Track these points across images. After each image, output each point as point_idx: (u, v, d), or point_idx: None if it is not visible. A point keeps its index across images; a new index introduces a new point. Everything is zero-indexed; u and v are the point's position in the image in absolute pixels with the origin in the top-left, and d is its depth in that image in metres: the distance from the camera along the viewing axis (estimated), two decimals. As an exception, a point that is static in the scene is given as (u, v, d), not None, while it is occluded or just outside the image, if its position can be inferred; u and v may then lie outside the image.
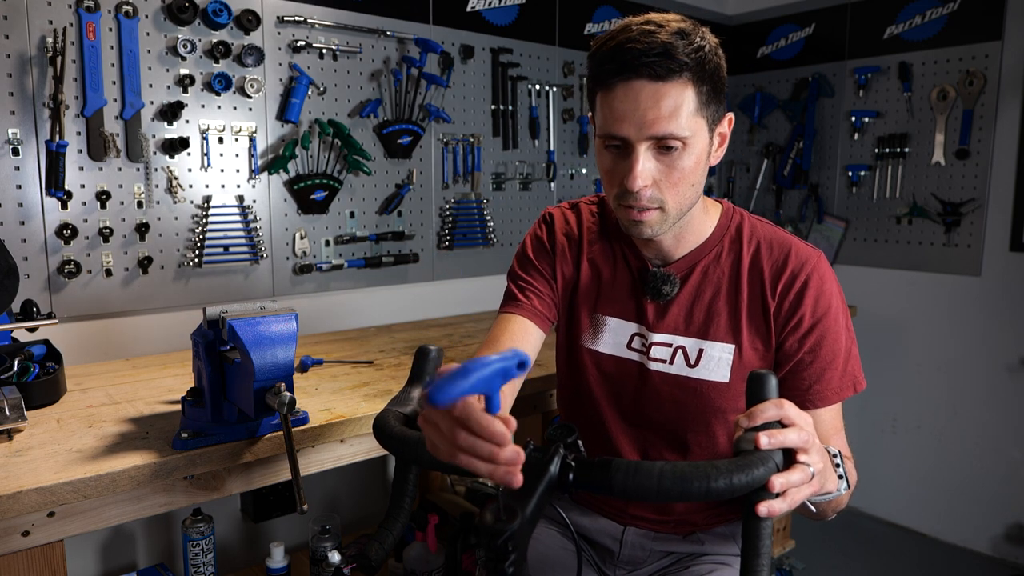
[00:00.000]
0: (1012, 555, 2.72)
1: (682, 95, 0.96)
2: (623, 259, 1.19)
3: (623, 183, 1.00)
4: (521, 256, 1.26)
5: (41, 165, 1.69)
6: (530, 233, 1.27)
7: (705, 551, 1.22)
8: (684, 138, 0.98)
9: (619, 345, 1.18)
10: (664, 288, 1.13)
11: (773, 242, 1.12)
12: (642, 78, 0.95)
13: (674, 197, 1.02)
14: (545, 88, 2.64)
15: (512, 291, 1.22)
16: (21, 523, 1.02)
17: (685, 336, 1.14)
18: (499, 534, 0.61)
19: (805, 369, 1.08)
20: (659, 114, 0.96)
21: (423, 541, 1.97)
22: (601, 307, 1.20)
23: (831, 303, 1.08)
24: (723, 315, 1.11)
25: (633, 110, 0.96)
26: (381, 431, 0.87)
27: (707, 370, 1.12)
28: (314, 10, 2.08)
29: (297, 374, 1.54)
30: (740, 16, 3.32)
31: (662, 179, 1.01)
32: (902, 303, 2.91)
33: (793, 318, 1.08)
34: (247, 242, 2.02)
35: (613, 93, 0.98)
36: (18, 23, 1.63)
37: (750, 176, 3.34)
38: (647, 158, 0.99)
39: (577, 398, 1.26)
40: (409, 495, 0.91)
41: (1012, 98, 2.56)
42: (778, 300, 1.09)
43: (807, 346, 1.08)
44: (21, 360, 1.40)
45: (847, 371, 1.09)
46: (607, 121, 1.00)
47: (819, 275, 1.08)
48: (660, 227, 1.05)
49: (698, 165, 1.02)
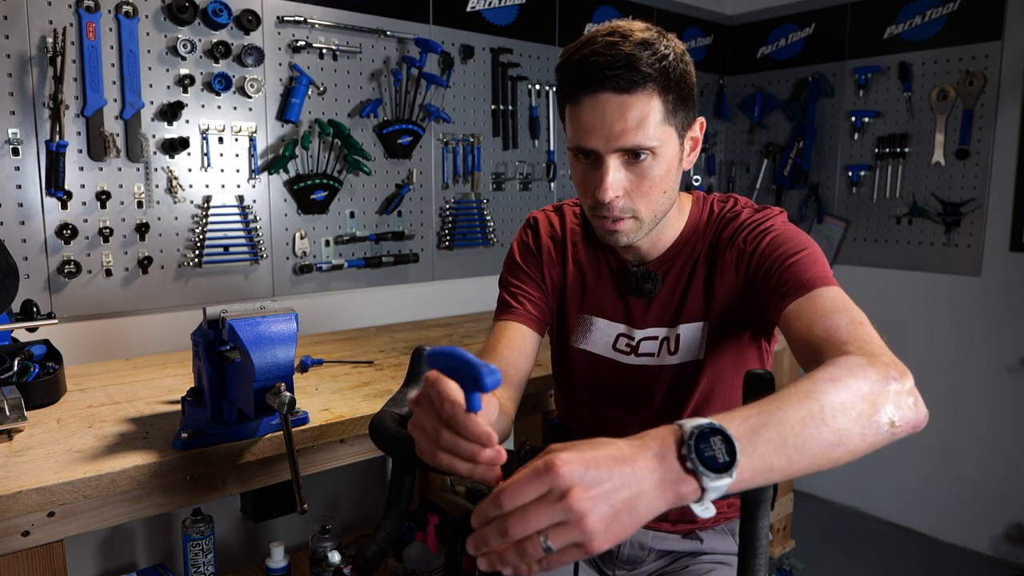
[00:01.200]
0: (1012, 555, 2.72)
1: (648, 106, 0.96)
2: (605, 261, 1.20)
3: (595, 194, 1.01)
4: (510, 263, 1.25)
5: (41, 165, 1.69)
6: (516, 239, 1.27)
7: (704, 549, 1.22)
8: (652, 148, 0.98)
9: (606, 345, 1.19)
10: (647, 286, 1.15)
11: (728, 216, 1.13)
12: (607, 91, 0.96)
13: (646, 205, 1.03)
14: (545, 88, 2.64)
15: (505, 299, 1.22)
16: (21, 523, 1.02)
17: (667, 327, 1.15)
18: None
19: (769, 282, 1.01)
20: (626, 126, 0.96)
21: (423, 541, 1.97)
22: (587, 308, 1.21)
23: (769, 225, 1.06)
24: (693, 297, 1.13)
25: (600, 123, 0.97)
26: (377, 432, 0.87)
27: (684, 353, 1.13)
28: (314, 10, 2.08)
29: (297, 374, 1.54)
30: (740, 16, 3.32)
31: (633, 189, 1.01)
32: (902, 303, 2.91)
33: (743, 259, 1.07)
34: (247, 242, 2.02)
35: (580, 106, 0.99)
36: (18, 23, 1.63)
37: (750, 176, 3.34)
38: (617, 168, 1.00)
39: (571, 397, 1.27)
40: (406, 495, 0.91)
41: (1012, 98, 2.56)
42: (729, 254, 1.09)
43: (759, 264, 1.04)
44: (21, 360, 1.40)
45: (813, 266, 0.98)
46: (576, 134, 1.01)
47: (761, 216, 1.09)
48: (636, 235, 1.06)
49: (669, 173, 1.03)
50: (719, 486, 0.62)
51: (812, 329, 0.89)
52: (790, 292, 0.96)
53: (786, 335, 0.96)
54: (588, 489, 0.58)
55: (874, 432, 0.72)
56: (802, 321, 0.92)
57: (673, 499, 0.62)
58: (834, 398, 0.71)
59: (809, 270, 0.97)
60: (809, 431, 0.68)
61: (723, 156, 3.42)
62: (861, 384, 0.73)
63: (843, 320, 0.87)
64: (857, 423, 0.71)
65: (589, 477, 0.59)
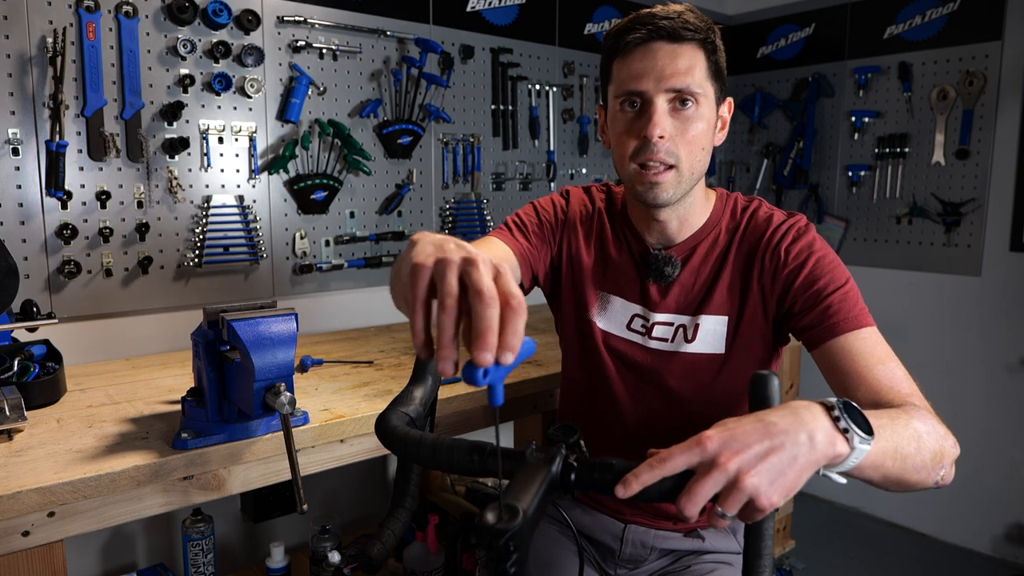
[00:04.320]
0: (1012, 555, 2.72)
1: (696, 56, 1.05)
2: (626, 243, 1.22)
3: (642, 135, 1.05)
4: (529, 209, 1.27)
5: (41, 165, 1.69)
6: (546, 200, 1.29)
7: (706, 548, 1.22)
8: (697, 95, 1.05)
9: (621, 324, 1.21)
10: (666, 270, 1.16)
11: (759, 214, 1.16)
12: (660, 39, 1.04)
13: (687, 156, 1.06)
14: (545, 88, 2.64)
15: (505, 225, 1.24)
16: (21, 523, 1.02)
17: (684, 314, 1.17)
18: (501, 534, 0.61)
19: (814, 307, 1.05)
20: (676, 69, 1.03)
21: (423, 541, 1.97)
22: (607, 286, 1.23)
23: (813, 245, 1.10)
24: (718, 290, 1.15)
25: (652, 67, 1.04)
26: (383, 431, 0.87)
27: (704, 343, 1.15)
28: (314, 10, 2.08)
29: (297, 374, 1.54)
30: (740, 16, 3.32)
31: (677, 135, 1.06)
32: (902, 303, 2.91)
33: (783, 268, 1.09)
34: (247, 242, 2.02)
35: (632, 55, 1.06)
36: (18, 23, 1.63)
37: (750, 176, 3.34)
38: (664, 112, 1.05)
39: (576, 380, 1.28)
40: (411, 495, 0.91)
41: (1012, 98, 2.56)
42: (766, 260, 1.11)
43: (805, 284, 1.07)
44: (21, 360, 1.40)
45: (858, 303, 1.05)
46: (625, 81, 1.06)
47: (798, 227, 1.12)
48: (675, 190, 1.08)
49: (708, 131, 1.08)
50: (865, 449, 0.71)
51: (873, 372, 0.98)
52: (837, 326, 1.02)
53: (826, 362, 1.03)
54: (738, 452, 0.65)
55: (931, 479, 0.83)
56: (857, 361, 0.99)
57: (826, 454, 0.69)
58: (926, 438, 0.82)
59: (855, 306, 1.04)
60: (911, 448, 0.79)
61: (723, 156, 3.42)
62: (939, 440, 0.84)
63: (901, 372, 0.98)
64: (930, 464, 0.82)
65: (737, 442, 0.66)
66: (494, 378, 0.61)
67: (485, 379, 0.60)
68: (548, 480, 0.69)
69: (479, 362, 0.56)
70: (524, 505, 0.63)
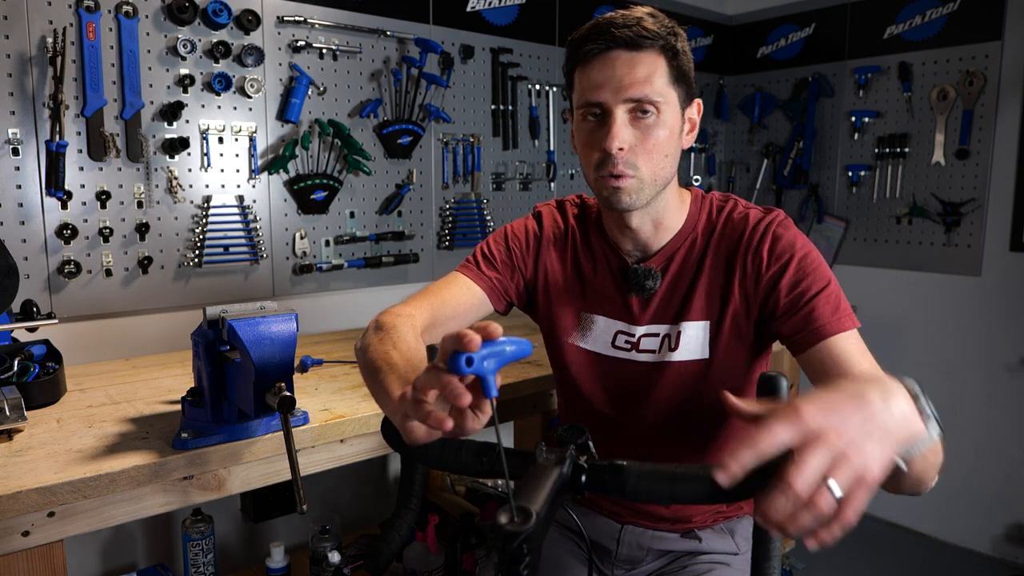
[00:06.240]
0: (1012, 555, 2.72)
1: (655, 64, 1.03)
2: (603, 258, 1.21)
3: (602, 146, 1.04)
4: (498, 236, 1.26)
5: (41, 165, 1.69)
6: (518, 224, 1.28)
7: (703, 549, 1.22)
8: (657, 103, 1.03)
9: (606, 343, 1.20)
10: (647, 283, 1.15)
11: (735, 215, 1.15)
12: (618, 48, 1.02)
13: (648, 164, 1.05)
14: (545, 88, 2.64)
15: (471, 258, 1.24)
16: (21, 523, 1.02)
17: (667, 324, 1.16)
18: (515, 536, 0.61)
19: (798, 309, 1.05)
20: (634, 78, 1.02)
21: (423, 541, 1.97)
22: (588, 305, 1.22)
23: (795, 244, 1.08)
24: (697, 296, 1.14)
25: (610, 76, 1.03)
26: (389, 431, 0.87)
27: (687, 350, 1.14)
28: (314, 10, 2.08)
29: (297, 374, 1.54)
30: (740, 16, 3.32)
31: (637, 145, 1.05)
32: (902, 303, 2.91)
33: (765, 271, 1.08)
34: (247, 242, 2.02)
35: (591, 64, 1.05)
36: (18, 23, 1.63)
37: (750, 176, 3.34)
38: (624, 123, 1.04)
39: (571, 395, 1.27)
40: (416, 495, 0.91)
41: (1012, 98, 2.56)
42: (747, 263, 1.10)
43: (788, 286, 1.06)
44: (21, 360, 1.40)
45: (842, 303, 1.05)
46: (585, 91, 1.06)
47: (775, 225, 1.10)
48: (637, 196, 1.07)
49: (671, 138, 1.06)
50: (933, 437, 0.68)
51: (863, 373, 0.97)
52: (822, 329, 1.01)
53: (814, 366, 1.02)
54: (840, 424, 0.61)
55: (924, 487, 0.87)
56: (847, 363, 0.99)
57: (907, 432, 0.66)
58: None
59: (839, 307, 1.03)
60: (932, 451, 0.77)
61: (723, 156, 3.42)
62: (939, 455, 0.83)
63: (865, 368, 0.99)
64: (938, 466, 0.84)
65: (836, 414, 0.62)
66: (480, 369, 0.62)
67: (469, 368, 0.61)
68: (559, 482, 0.69)
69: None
70: (536, 507, 0.62)
